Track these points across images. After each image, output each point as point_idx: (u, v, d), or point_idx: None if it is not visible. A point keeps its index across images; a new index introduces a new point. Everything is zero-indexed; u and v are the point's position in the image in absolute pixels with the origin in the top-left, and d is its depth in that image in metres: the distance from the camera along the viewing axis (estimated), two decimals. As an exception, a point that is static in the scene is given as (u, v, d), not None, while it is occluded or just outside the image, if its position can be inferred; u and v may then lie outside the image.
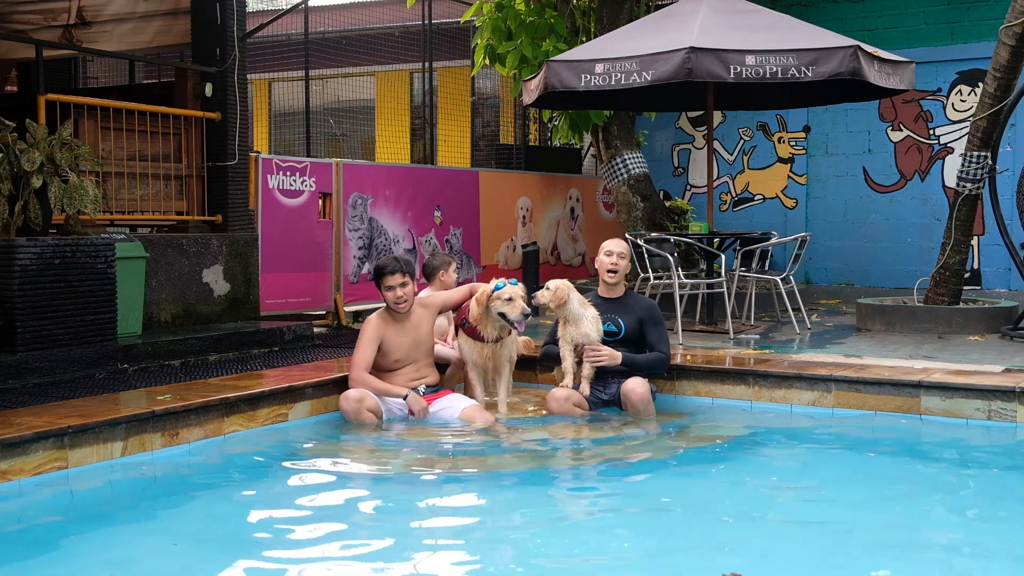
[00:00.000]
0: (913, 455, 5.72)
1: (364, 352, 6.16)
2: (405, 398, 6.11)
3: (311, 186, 9.45)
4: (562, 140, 12.60)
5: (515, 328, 6.26)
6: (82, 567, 3.97)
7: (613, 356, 6.25)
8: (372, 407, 6.08)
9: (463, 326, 6.42)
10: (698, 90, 9.51)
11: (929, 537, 4.34)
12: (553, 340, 6.47)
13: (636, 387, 6.25)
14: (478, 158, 14.63)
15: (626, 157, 11.52)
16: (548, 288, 6.24)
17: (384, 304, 6.34)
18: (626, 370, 6.39)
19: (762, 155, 14.15)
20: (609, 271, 6.42)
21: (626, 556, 4.12)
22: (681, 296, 8.76)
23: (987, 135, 8.84)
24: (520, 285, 6.28)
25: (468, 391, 6.73)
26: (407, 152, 16.28)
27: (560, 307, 6.24)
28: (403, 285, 6.17)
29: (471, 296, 6.57)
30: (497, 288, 6.20)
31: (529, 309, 6.19)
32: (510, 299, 6.18)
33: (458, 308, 6.65)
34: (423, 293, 6.76)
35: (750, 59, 7.82)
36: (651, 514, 4.75)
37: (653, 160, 13.80)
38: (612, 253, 6.43)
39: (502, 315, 6.21)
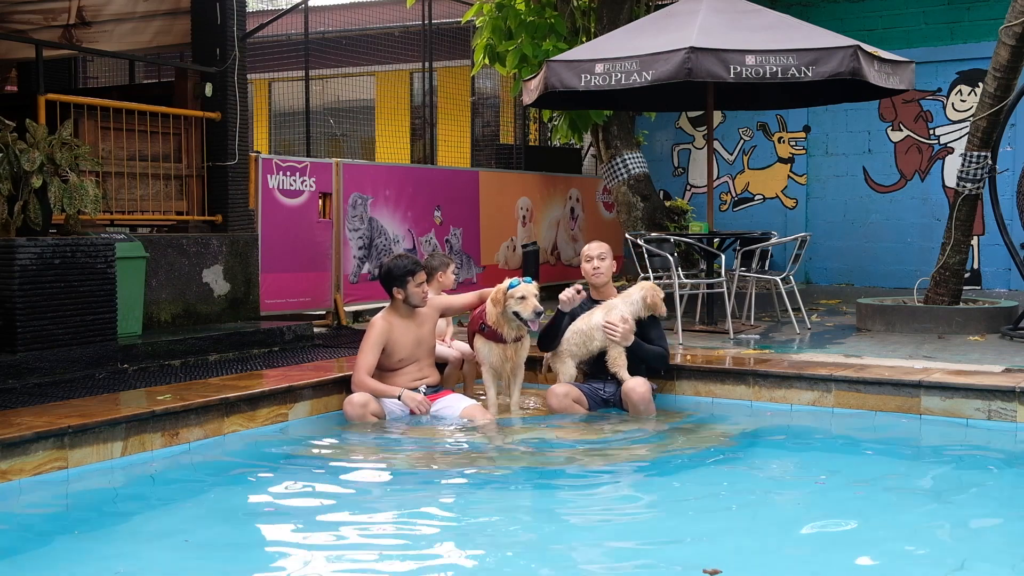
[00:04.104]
0: (913, 455, 5.72)
1: (368, 356, 6.15)
2: (399, 397, 6.12)
3: (311, 186, 9.45)
4: (562, 140, 12.60)
5: (528, 327, 6.27)
6: (82, 567, 3.97)
7: (627, 336, 6.25)
8: (376, 411, 6.10)
9: (482, 331, 6.40)
10: (698, 90, 9.51)
11: (929, 537, 4.34)
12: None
13: (637, 386, 6.26)
14: (478, 158, 14.63)
15: (626, 157, 11.51)
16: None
17: (388, 303, 6.34)
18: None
19: (762, 155, 14.15)
20: (595, 274, 6.49)
21: (623, 554, 4.12)
22: (681, 296, 8.76)
23: (987, 135, 8.85)
24: (534, 284, 6.27)
25: (467, 391, 6.74)
26: (407, 152, 16.28)
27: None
28: (424, 281, 6.29)
29: (481, 303, 6.54)
30: (511, 286, 6.21)
31: (542, 308, 6.19)
32: (523, 297, 6.17)
33: (460, 313, 6.64)
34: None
35: (750, 59, 7.82)
36: (650, 513, 4.76)
37: (653, 160, 13.80)
38: (591, 258, 6.50)
39: (516, 314, 6.20)
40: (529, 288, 6.19)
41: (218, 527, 4.49)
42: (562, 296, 6.33)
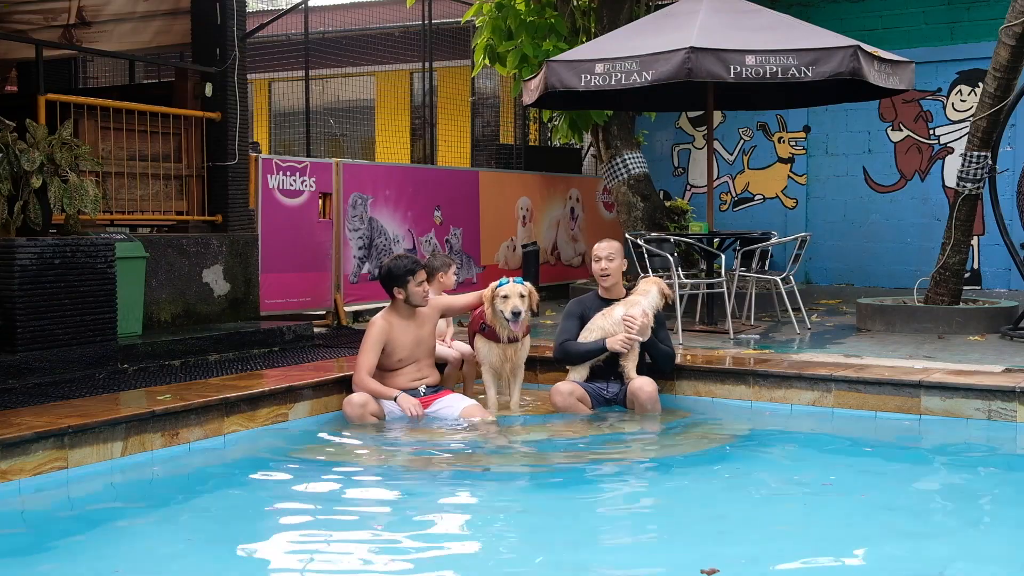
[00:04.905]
0: (913, 455, 5.72)
1: (369, 356, 6.15)
2: (395, 399, 6.11)
3: (311, 186, 9.45)
4: (562, 140, 12.59)
5: (511, 327, 6.27)
6: (82, 567, 3.97)
7: (644, 330, 6.25)
8: (375, 411, 6.10)
9: (483, 331, 6.42)
10: (698, 90, 9.51)
11: (929, 537, 4.34)
12: (572, 338, 6.43)
13: (645, 385, 6.27)
14: (478, 158, 14.63)
15: (626, 157, 11.51)
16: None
17: (388, 303, 6.34)
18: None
19: (762, 155, 14.15)
20: (602, 276, 6.46)
21: (622, 552, 4.13)
22: (681, 296, 8.76)
23: (987, 135, 8.85)
24: (524, 285, 6.27)
25: (467, 391, 6.74)
26: (407, 152, 16.28)
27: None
28: (424, 280, 6.27)
29: (481, 303, 6.53)
30: (500, 285, 6.23)
31: (520, 308, 6.18)
32: (505, 297, 6.19)
33: (461, 313, 6.65)
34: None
35: (750, 59, 7.82)
36: (649, 512, 4.76)
37: (653, 160, 13.79)
38: (600, 259, 6.47)
39: (501, 312, 6.22)
40: (514, 288, 6.20)
41: (218, 527, 4.50)
42: (611, 343, 6.27)
